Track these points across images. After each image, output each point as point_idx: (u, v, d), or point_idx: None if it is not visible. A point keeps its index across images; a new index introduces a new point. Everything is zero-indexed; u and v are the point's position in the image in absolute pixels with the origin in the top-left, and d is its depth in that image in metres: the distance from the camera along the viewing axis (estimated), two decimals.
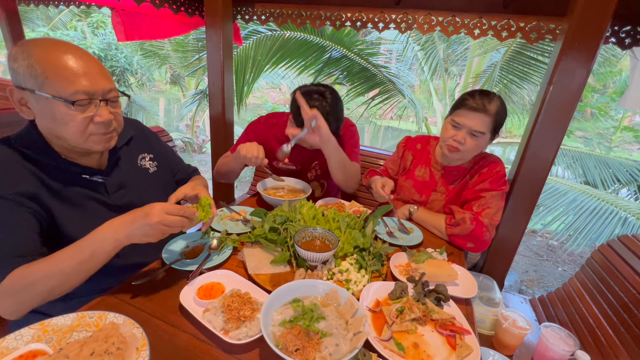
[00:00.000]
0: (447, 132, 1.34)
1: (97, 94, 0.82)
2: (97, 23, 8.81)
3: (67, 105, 0.79)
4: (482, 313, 1.32)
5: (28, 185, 0.81)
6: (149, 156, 1.14)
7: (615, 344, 1.23)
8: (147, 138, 1.17)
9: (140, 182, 1.08)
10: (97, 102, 0.83)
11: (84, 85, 0.80)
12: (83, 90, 0.79)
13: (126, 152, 1.06)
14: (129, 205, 1.00)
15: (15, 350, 0.62)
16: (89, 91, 0.80)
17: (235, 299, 0.81)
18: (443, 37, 4.58)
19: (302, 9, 1.96)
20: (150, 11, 2.49)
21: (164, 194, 1.14)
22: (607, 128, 8.04)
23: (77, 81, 0.79)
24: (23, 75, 0.78)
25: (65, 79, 0.78)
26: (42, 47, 0.79)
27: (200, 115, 7.25)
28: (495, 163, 1.39)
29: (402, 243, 1.23)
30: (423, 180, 1.53)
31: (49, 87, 0.78)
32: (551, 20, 1.53)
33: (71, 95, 0.78)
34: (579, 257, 4.04)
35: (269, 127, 1.63)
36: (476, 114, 1.26)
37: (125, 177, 1.02)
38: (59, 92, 0.78)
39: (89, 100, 0.81)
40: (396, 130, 10.54)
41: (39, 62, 0.77)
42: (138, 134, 1.13)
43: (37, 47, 0.78)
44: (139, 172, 1.09)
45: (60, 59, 0.79)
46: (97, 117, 0.83)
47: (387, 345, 0.76)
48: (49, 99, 0.78)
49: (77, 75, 0.79)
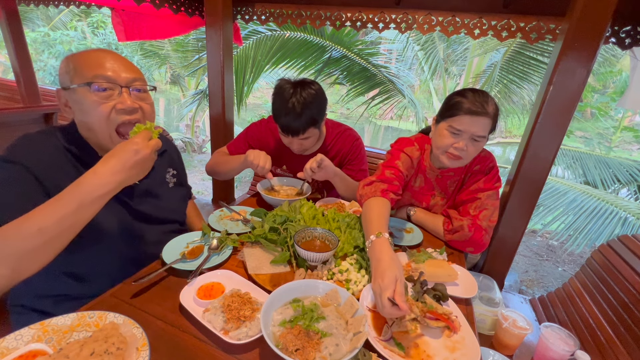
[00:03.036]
0: (445, 139, 1.22)
1: (119, 81, 0.84)
2: (97, 23, 8.82)
3: (88, 90, 0.81)
4: (482, 313, 1.32)
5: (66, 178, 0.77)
6: (173, 172, 1.19)
7: (615, 344, 1.23)
8: (175, 154, 1.24)
9: (162, 194, 1.11)
10: (118, 89, 0.84)
11: (106, 71, 0.83)
12: (103, 74, 0.82)
13: (158, 163, 1.10)
14: (146, 212, 1.04)
15: (15, 350, 0.62)
16: (110, 77, 0.83)
17: (235, 299, 0.81)
18: (443, 37, 4.58)
19: (302, 9, 1.96)
20: (150, 11, 2.49)
21: (178, 209, 1.22)
22: (607, 128, 8.04)
23: (99, 68, 0.83)
24: (61, 75, 0.85)
25: (88, 67, 0.83)
26: (81, 52, 0.87)
27: (200, 115, 7.25)
28: (486, 157, 1.34)
29: (402, 243, 1.23)
30: (420, 187, 1.46)
31: (76, 78, 0.83)
32: (551, 20, 1.53)
33: (91, 78, 0.82)
34: (579, 257, 4.04)
35: (269, 132, 1.62)
36: (478, 118, 1.15)
37: (150, 186, 1.06)
38: (82, 78, 0.82)
39: (108, 85, 0.83)
40: (396, 130, 10.53)
41: (74, 61, 0.84)
42: (170, 149, 1.19)
43: (77, 52, 0.86)
44: (162, 184, 1.13)
45: (90, 54, 0.85)
46: (119, 104, 0.84)
47: (387, 345, 0.76)
48: (76, 89, 0.82)
49: (100, 64, 0.83)
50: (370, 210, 1.07)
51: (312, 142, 1.49)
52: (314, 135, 1.44)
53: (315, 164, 1.35)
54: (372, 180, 1.22)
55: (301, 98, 1.32)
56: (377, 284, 0.80)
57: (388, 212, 1.09)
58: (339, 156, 1.61)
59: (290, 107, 1.32)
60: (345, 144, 1.61)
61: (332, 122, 1.66)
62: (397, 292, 0.76)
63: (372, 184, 1.20)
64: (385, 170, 1.27)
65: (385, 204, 1.11)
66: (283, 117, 1.36)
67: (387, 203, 1.12)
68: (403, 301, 0.75)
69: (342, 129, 1.64)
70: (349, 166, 1.59)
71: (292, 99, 1.32)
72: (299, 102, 1.32)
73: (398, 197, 1.21)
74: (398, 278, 0.79)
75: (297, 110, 1.32)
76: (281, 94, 1.36)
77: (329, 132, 1.61)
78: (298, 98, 1.32)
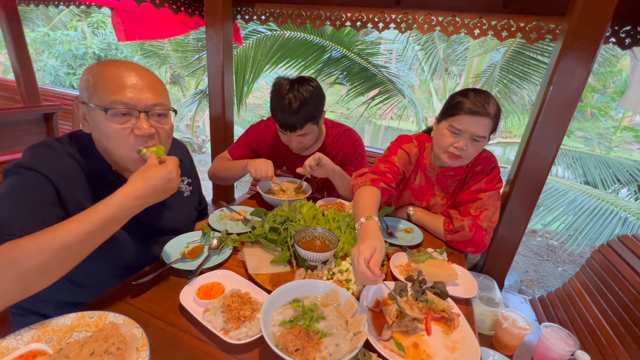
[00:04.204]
0: (445, 138, 1.23)
1: (138, 106, 0.81)
2: (97, 23, 8.81)
3: (104, 115, 0.79)
4: (482, 313, 1.32)
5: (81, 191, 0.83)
6: (187, 180, 1.19)
7: (615, 344, 1.23)
8: (189, 162, 1.23)
9: (175, 205, 1.10)
10: (136, 114, 0.81)
11: (125, 96, 0.79)
12: (122, 100, 0.79)
13: None
14: (157, 224, 1.04)
15: (15, 350, 0.62)
16: (129, 103, 0.80)
17: (235, 299, 0.81)
18: (443, 37, 4.58)
19: (302, 9, 1.96)
20: (150, 11, 2.50)
21: (191, 218, 1.21)
22: (607, 128, 8.04)
23: (119, 92, 0.79)
24: (81, 88, 0.82)
25: (108, 89, 0.79)
26: (103, 64, 0.82)
27: (200, 115, 7.25)
28: (488, 158, 1.35)
29: (402, 243, 1.23)
30: (420, 186, 1.47)
31: (95, 97, 0.79)
32: (551, 20, 1.53)
33: (109, 104, 0.79)
34: (579, 257, 4.04)
35: (269, 133, 1.63)
36: (478, 118, 1.16)
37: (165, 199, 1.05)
38: (101, 101, 0.79)
39: (126, 111, 0.80)
40: (396, 130, 10.52)
41: (94, 75, 0.80)
42: (184, 158, 1.15)
43: (99, 64, 0.82)
44: (177, 194, 1.10)
45: (112, 71, 0.80)
46: (136, 130, 0.82)
47: (387, 345, 0.76)
48: (94, 109, 0.79)
49: (121, 86, 0.80)
50: (360, 198, 1.10)
51: (310, 140, 1.50)
52: (312, 132, 1.45)
53: (314, 162, 1.36)
54: (364, 172, 1.24)
55: (298, 94, 1.33)
56: (357, 247, 0.83)
57: (378, 199, 1.11)
58: (339, 157, 1.61)
59: (287, 103, 1.33)
60: (345, 144, 1.61)
61: (332, 122, 1.66)
62: (373, 258, 0.79)
63: (363, 175, 1.22)
64: (380, 164, 1.29)
65: (374, 192, 1.13)
66: (280, 113, 1.36)
67: (376, 191, 1.13)
68: (376, 266, 0.77)
69: (342, 130, 1.64)
70: (349, 167, 1.59)
71: (289, 95, 1.33)
72: (296, 98, 1.33)
73: (390, 188, 1.22)
74: (378, 248, 0.82)
75: (294, 105, 1.33)
76: (278, 90, 1.37)
77: (329, 132, 1.62)
78: (295, 94, 1.33)
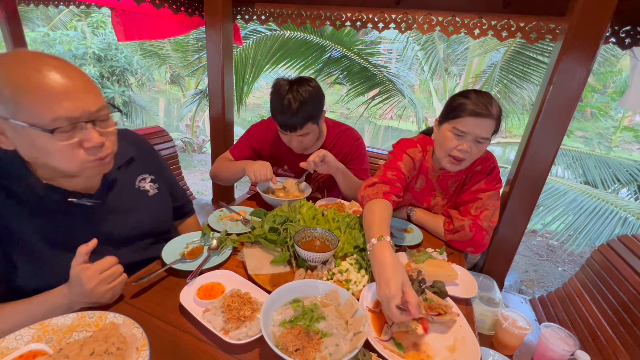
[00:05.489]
0: (449, 141, 1.21)
1: (82, 117, 0.70)
2: (97, 23, 8.80)
3: (47, 135, 0.67)
4: (482, 313, 1.32)
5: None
6: (150, 177, 1.06)
7: (615, 344, 1.23)
8: (151, 157, 1.10)
9: (138, 205, 1.00)
10: (82, 125, 0.71)
11: (66, 109, 0.67)
12: (65, 115, 0.67)
13: (125, 174, 0.98)
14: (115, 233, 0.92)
15: (15, 350, 0.62)
16: (72, 116, 0.68)
17: (235, 299, 0.81)
18: (443, 37, 4.58)
19: (302, 9, 1.96)
20: (150, 11, 2.49)
21: (164, 218, 1.11)
22: (607, 128, 8.04)
23: (56, 104, 0.66)
24: None
25: (41, 103, 0.65)
26: (9, 66, 0.65)
27: (200, 115, 7.25)
28: (487, 158, 1.35)
29: (402, 243, 1.23)
30: (421, 188, 1.46)
31: (22, 114, 0.65)
32: (551, 20, 1.53)
33: (50, 122, 0.66)
34: (579, 257, 4.04)
35: (270, 132, 1.63)
36: (482, 119, 1.14)
37: (120, 202, 0.95)
38: (35, 118, 0.65)
39: (72, 126, 0.69)
40: (396, 130, 10.54)
41: (7, 85, 0.64)
42: (140, 154, 1.05)
43: (2, 65, 0.65)
44: (137, 194, 1.01)
45: (33, 78, 0.65)
46: (87, 142, 0.72)
47: (387, 345, 0.76)
48: (25, 128, 0.66)
49: (56, 95, 0.66)
50: (371, 213, 1.05)
51: (311, 140, 1.50)
52: (313, 132, 1.45)
53: (318, 158, 1.37)
54: (374, 182, 1.20)
55: (298, 95, 1.33)
56: (384, 293, 0.78)
57: (390, 214, 1.08)
58: (340, 155, 1.61)
59: (286, 104, 1.34)
60: (346, 143, 1.61)
61: (332, 121, 1.66)
62: (410, 303, 0.75)
63: (374, 186, 1.18)
64: (387, 171, 1.25)
65: (387, 206, 1.09)
66: (280, 114, 1.37)
67: (389, 205, 1.10)
68: (415, 307, 0.74)
69: (343, 129, 1.64)
70: (350, 165, 1.59)
71: (288, 96, 1.34)
72: (295, 99, 1.33)
73: (399, 199, 1.20)
74: (405, 284, 0.77)
75: (293, 106, 1.33)
76: (278, 91, 1.37)
77: (330, 131, 1.62)
78: (295, 94, 1.33)
